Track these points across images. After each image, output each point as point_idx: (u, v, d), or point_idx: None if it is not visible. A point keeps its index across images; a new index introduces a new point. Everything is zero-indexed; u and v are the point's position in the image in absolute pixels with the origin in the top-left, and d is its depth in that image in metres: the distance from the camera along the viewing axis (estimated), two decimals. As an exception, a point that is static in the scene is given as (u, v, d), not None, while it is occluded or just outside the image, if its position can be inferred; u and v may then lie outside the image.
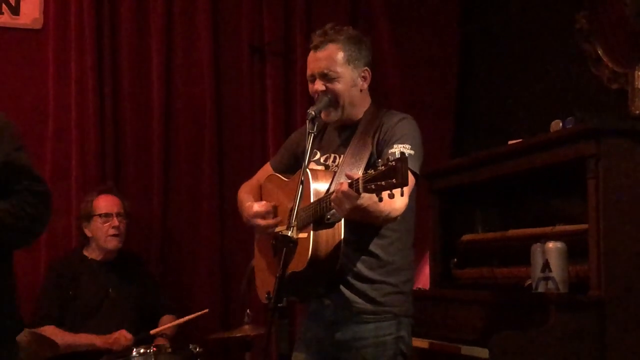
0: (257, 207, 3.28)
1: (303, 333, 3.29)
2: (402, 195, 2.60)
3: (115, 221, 4.52)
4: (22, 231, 2.89)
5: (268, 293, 2.83)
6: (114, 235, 4.52)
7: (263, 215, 3.24)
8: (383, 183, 2.57)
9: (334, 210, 2.88)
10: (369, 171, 2.65)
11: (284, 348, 3.28)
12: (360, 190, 2.66)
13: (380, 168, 2.59)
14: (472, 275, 4.22)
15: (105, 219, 4.51)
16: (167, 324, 4.47)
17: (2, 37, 4.81)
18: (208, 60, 5.08)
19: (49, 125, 4.84)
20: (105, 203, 4.55)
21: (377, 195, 2.64)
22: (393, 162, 2.55)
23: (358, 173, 2.80)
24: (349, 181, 2.72)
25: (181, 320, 4.46)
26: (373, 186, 2.60)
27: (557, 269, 3.42)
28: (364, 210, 2.79)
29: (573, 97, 4.36)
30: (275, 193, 3.35)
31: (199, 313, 4.49)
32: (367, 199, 2.71)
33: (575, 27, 4.32)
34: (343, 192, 2.73)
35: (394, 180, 2.54)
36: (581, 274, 3.44)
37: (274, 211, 3.26)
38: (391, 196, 2.58)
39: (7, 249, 2.95)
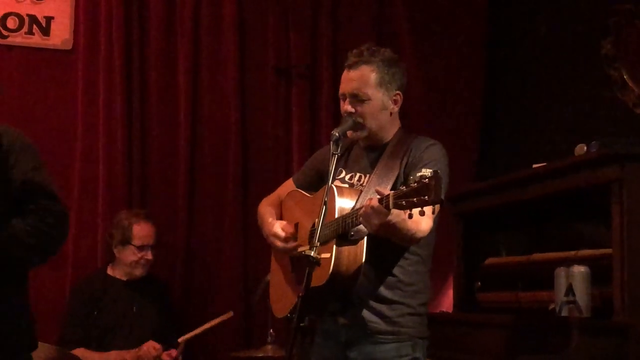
0: (279, 228, 3.27)
1: (317, 352, 3.28)
2: (433, 213, 2.61)
3: (149, 254, 4.57)
4: (36, 250, 2.93)
5: (290, 312, 2.84)
6: (143, 264, 4.57)
7: (283, 238, 3.24)
8: (415, 200, 2.57)
9: (358, 226, 2.89)
10: (401, 187, 2.66)
11: (306, 367, 3.28)
12: (391, 206, 2.66)
13: (412, 185, 2.59)
14: (495, 299, 4.20)
15: (140, 250, 4.55)
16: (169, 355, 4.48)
17: (32, 57, 4.89)
18: (234, 83, 5.12)
19: (77, 146, 4.89)
20: (144, 233, 4.57)
21: (408, 212, 2.65)
22: (426, 180, 2.55)
23: (388, 189, 2.79)
24: (379, 197, 2.73)
25: (208, 324, 4.48)
26: (404, 202, 2.61)
27: (580, 294, 3.40)
28: (392, 227, 2.79)
29: (598, 122, 4.35)
30: (295, 210, 3.35)
31: (224, 317, 4.52)
32: (395, 215, 2.72)
33: (601, 53, 4.32)
34: (373, 208, 2.73)
35: (426, 197, 2.54)
36: (605, 298, 3.41)
37: (294, 233, 3.26)
38: (422, 213, 2.59)
39: (21, 267, 3.00)
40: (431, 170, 2.59)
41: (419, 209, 2.58)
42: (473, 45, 5.40)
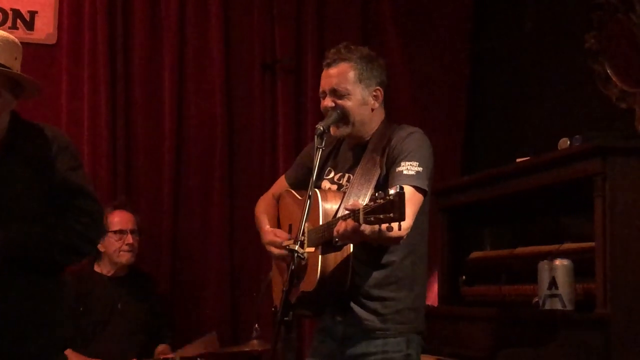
0: (273, 236, 3.29)
1: (315, 348, 3.30)
2: (399, 229, 2.62)
3: (130, 238, 4.57)
4: (71, 249, 2.99)
5: (275, 306, 2.86)
6: (127, 250, 4.56)
7: (278, 246, 3.25)
8: (381, 216, 2.59)
9: None
10: (369, 203, 2.67)
11: (291, 362, 3.30)
12: (361, 221, 2.67)
13: (379, 201, 2.61)
14: (480, 293, 4.23)
15: (119, 236, 4.55)
16: (162, 353, 4.46)
17: (16, 52, 4.86)
18: (220, 77, 5.11)
19: (61, 140, 4.86)
20: (119, 219, 4.58)
21: (378, 227, 2.67)
22: (390, 197, 2.57)
23: (359, 202, 2.78)
24: (349, 212, 2.75)
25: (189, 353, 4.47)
26: (372, 218, 2.62)
27: (563, 287, 3.43)
28: (369, 238, 2.81)
29: (581, 116, 4.37)
30: (289, 211, 3.37)
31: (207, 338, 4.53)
32: (369, 229, 2.72)
33: (584, 47, 4.34)
34: (346, 230, 2.76)
35: (391, 214, 2.56)
36: (588, 291, 3.44)
37: (287, 238, 3.25)
38: (389, 229, 2.61)
39: (55, 266, 3.05)
40: (398, 186, 2.60)
41: (387, 224, 2.60)
42: (458, 40, 5.41)
